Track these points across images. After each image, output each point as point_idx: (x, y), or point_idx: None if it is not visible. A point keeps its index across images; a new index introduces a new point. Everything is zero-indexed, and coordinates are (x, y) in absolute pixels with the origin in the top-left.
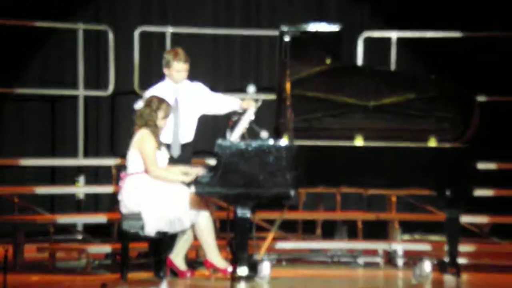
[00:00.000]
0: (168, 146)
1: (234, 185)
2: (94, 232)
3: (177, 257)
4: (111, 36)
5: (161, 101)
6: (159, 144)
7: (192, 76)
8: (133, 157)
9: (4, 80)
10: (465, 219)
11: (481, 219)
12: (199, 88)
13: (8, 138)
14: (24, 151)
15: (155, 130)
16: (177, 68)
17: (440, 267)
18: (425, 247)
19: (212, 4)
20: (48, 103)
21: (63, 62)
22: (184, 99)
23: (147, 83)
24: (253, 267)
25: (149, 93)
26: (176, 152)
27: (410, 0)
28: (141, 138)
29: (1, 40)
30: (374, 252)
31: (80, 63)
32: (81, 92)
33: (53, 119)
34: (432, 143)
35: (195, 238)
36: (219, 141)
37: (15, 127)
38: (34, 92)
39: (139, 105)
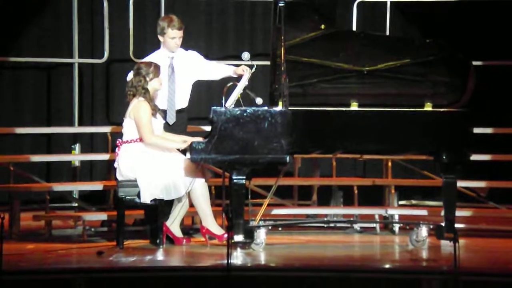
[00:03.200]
0: (164, 112)
1: (229, 151)
2: (90, 200)
3: (173, 224)
4: (106, 4)
5: (148, 64)
6: (155, 110)
7: (186, 42)
8: (129, 126)
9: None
10: (462, 184)
11: (478, 184)
12: (194, 56)
13: (4, 106)
14: (19, 120)
15: (148, 96)
16: (172, 35)
17: (436, 232)
18: (421, 212)
19: None
20: (44, 71)
21: (58, 30)
22: (179, 66)
23: (141, 50)
24: (249, 234)
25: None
26: (172, 118)
27: None
28: (136, 106)
29: None
30: (370, 218)
31: (75, 31)
32: (76, 60)
33: (48, 87)
34: (428, 107)
35: (191, 205)
36: (214, 107)
37: (11, 96)
38: (29, 60)
39: (130, 76)
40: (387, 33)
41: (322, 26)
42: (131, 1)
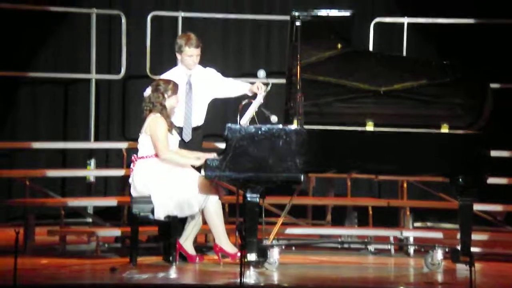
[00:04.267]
0: (180, 130)
1: (243, 169)
2: (104, 216)
3: (186, 241)
4: (123, 20)
5: (166, 82)
6: (171, 126)
7: (203, 60)
8: (144, 141)
9: (18, 64)
10: (478, 207)
11: (495, 207)
12: (211, 73)
13: (21, 121)
14: (36, 135)
15: (164, 112)
16: (189, 53)
17: (452, 255)
18: (437, 234)
19: None
20: (61, 86)
21: (76, 46)
22: (196, 83)
23: (158, 67)
24: (262, 253)
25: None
26: (188, 135)
27: None
28: (153, 122)
29: (16, 25)
30: (385, 239)
31: (93, 47)
32: (93, 76)
33: (65, 102)
34: (445, 129)
35: (204, 222)
36: (229, 125)
37: (28, 110)
38: (47, 75)
39: (147, 92)
40: (404, 53)
41: (339, 46)
42: (149, 18)
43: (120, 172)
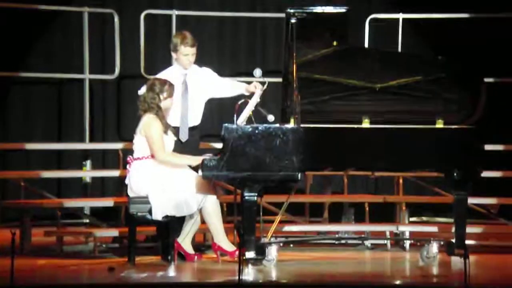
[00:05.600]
0: (176, 130)
1: (241, 169)
2: (101, 216)
3: (185, 240)
4: (116, 19)
5: (162, 82)
6: (166, 127)
7: (198, 59)
8: (140, 142)
9: (10, 64)
10: (473, 200)
11: (489, 200)
12: (207, 73)
13: (14, 122)
14: (30, 136)
15: (160, 113)
16: (185, 52)
17: (447, 248)
18: (432, 229)
19: None
20: (54, 87)
21: (69, 45)
22: (192, 83)
23: (153, 66)
24: (261, 250)
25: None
26: (185, 135)
27: None
28: (147, 124)
29: (7, 24)
30: (381, 235)
31: (86, 46)
32: (87, 76)
33: (59, 103)
34: (440, 124)
35: (203, 221)
36: (226, 124)
37: (21, 111)
38: (40, 76)
39: (142, 90)
40: (399, 49)
41: (334, 43)
42: (142, 16)
43: (116, 173)
